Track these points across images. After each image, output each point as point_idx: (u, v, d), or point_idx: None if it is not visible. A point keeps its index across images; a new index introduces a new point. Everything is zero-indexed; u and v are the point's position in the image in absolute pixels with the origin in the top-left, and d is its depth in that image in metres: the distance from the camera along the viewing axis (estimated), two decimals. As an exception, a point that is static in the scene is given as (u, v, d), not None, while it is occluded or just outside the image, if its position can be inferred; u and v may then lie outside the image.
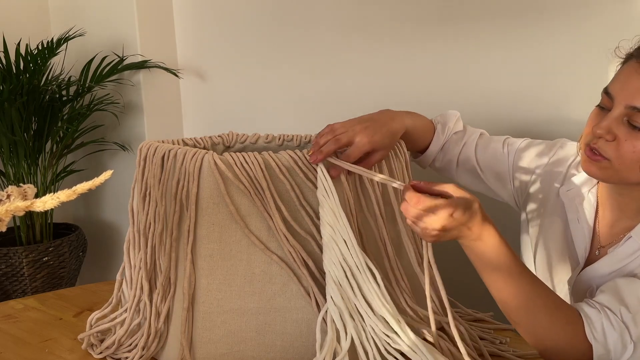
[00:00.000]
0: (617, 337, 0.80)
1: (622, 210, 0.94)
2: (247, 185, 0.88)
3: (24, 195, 0.58)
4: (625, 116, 0.84)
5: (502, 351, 0.97)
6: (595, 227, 0.98)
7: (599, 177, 0.91)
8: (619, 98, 0.85)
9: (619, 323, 0.80)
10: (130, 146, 2.30)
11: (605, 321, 0.81)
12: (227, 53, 2.13)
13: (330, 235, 0.85)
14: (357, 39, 1.78)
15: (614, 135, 0.85)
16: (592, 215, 0.98)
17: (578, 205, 0.99)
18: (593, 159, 0.88)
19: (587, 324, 0.81)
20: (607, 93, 0.87)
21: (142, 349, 0.93)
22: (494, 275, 0.83)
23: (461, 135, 1.16)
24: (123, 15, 2.20)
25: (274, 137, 1.14)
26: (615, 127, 0.85)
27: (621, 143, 0.85)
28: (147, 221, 0.94)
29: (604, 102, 0.88)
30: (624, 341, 0.80)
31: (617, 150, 0.85)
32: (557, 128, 1.44)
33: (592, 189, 0.99)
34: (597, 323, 0.81)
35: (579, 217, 0.99)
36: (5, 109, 1.98)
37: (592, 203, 0.98)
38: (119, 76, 2.22)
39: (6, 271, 2.10)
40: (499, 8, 1.49)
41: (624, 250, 0.90)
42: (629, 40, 0.90)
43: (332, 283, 0.86)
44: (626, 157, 0.85)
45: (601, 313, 0.82)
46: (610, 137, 0.85)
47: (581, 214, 0.99)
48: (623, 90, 0.85)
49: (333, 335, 0.84)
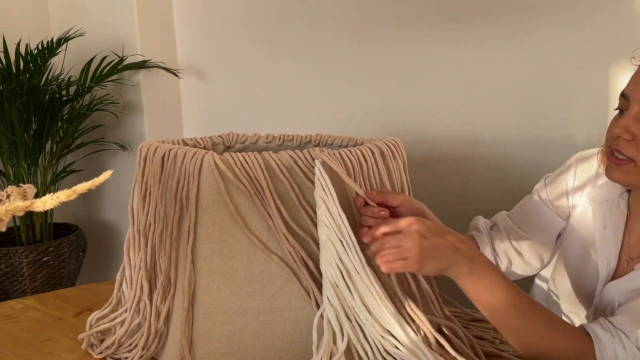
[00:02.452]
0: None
1: None
2: (247, 185, 0.88)
3: (23, 195, 0.58)
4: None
5: (501, 351, 0.96)
6: (624, 237, 0.94)
7: (623, 183, 0.88)
8: (634, 96, 0.84)
9: (634, 350, 0.76)
10: (130, 146, 2.30)
11: (619, 347, 0.77)
12: (227, 53, 2.14)
13: (327, 235, 0.85)
14: (358, 39, 1.78)
15: (633, 135, 0.84)
16: (621, 224, 0.94)
17: (606, 211, 0.95)
18: (616, 164, 0.86)
19: (597, 348, 0.78)
20: (623, 95, 0.87)
21: (142, 349, 0.94)
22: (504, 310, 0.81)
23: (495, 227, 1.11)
24: (123, 15, 2.19)
25: (274, 137, 1.14)
26: (633, 125, 0.84)
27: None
28: (147, 221, 0.95)
29: (621, 105, 0.88)
30: None
31: (637, 149, 0.83)
32: (556, 130, 1.44)
33: (623, 194, 0.95)
34: (609, 348, 0.77)
35: (605, 224, 0.95)
36: (5, 109, 1.98)
37: (622, 210, 0.94)
38: (119, 76, 2.22)
39: (6, 271, 2.10)
40: (501, 10, 1.49)
41: None
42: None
43: (329, 284, 0.86)
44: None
45: (615, 338, 0.78)
46: (629, 136, 0.84)
47: (608, 221, 0.95)
48: (638, 89, 0.84)
49: (329, 336, 0.84)
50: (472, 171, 1.60)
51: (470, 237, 1.10)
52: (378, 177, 0.94)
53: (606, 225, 0.95)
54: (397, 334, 0.84)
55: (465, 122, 1.60)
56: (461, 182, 1.63)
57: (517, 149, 1.52)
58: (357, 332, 0.85)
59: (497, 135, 1.54)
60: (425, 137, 1.67)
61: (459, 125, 1.61)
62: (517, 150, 1.52)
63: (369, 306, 0.85)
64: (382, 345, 0.85)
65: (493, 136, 1.55)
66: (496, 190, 1.57)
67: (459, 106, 1.60)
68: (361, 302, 0.85)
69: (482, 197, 1.59)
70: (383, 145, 0.97)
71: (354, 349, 0.85)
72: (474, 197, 1.61)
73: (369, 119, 1.79)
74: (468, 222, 1.16)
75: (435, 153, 1.66)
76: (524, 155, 1.51)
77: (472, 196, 1.61)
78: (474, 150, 1.59)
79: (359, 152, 0.92)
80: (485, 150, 1.57)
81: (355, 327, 0.85)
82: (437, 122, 1.65)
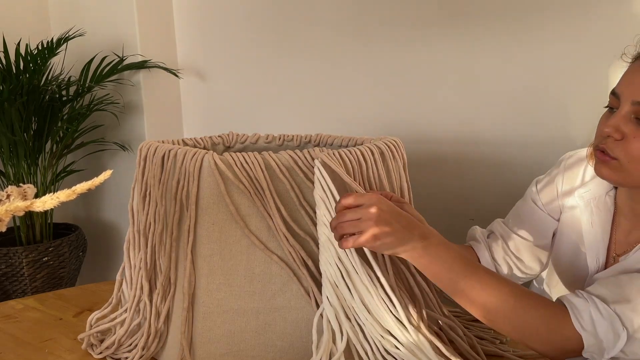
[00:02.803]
0: (606, 326, 0.78)
1: (638, 217, 0.91)
2: (247, 185, 0.88)
3: (23, 195, 0.58)
4: (632, 113, 0.83)
5: (502, 351, 0.96)
6: (612, 234, 0.95)
7: (611, 180, 0.88)
8: (625, 95, 0.84)
9: (608, 311, 0.78)
10: (130, 146, 2.30)
11: (593, 310, 0.79)
12: (227, 53, 2.14)
13: (327, 235, 0.85)
14: (358, 40, 1.78)
15: (622, 134, 0.84)
16: (608, 220, 0.95)
17: (594, 208, 0.96)
18: (603, 161, 0.86)
19: (573, 314, 0.79)
20: (614, 93, 0.87)
21: (142, 349, 0.94)
22: (459, 281, 0.82)
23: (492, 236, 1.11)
24: (123, 15, 2.20)
25: (274, 137, 1.14)
26: (623, 124, 0.84)
27: (630, 141, 0.83)
28: (147, 221, 0.95)
29: (611, 103, 0.88)
30: (615, 330, 0.77)
31: (625, 149, 0.83)
32: (556, 130, 1.44)
33: (610, 192, 0.96)
34: (584, 312, 0.79)
35: (593, 221, 0.96)
36: (5, 109, 1.98)
37: (609, 207, 0.96)
38: (119, 76, 2.22)
39: (6, 271, 2.10)
40: (499, 10, 1.49)
41: (634, 258, 0.88)
42: (633, 46, 0.89)
43: (328, 283, 0.86)
44: (635, 155, 0.83)
45: (588, 302, 0.79)
46: (618, 136, 0.84)
47: (596, 218, 0.96)
48: (629, 88, 0.84)
49: (329, 335, 0.84)
50: (472, 171, 1.60)
51: (469, 248, 1.10)
52: (377, 177, 0.94)
53: (594, 222, 0.96)
54: (396, 334, 0.84)
55: (465, 122, 1.60)
56: (461, 182, 1.63)
57: (517, 149, 1.52)
58: (356, 331, 0.85)
59: (497, 135, 1.54)
60: (425, 137, 1.67)
61: (459, 125, 1.61)
62: (517, 150, 1.52)
63: (368, 306, 0.85)
64: (382, 345, 0.85)
65: (493, 136, 1.55)
66: (496, 190, 1.56)
67: (459, 106, 1.60)
68: (361, 302, 0.85)
69: (482, 197, 1.59)
70: (383, 145, 0.97)
71: (354, 349, 0.85)
72: (474, 197, 1.61)
73: (369, 119, 1.79)
74: (468, 222, 1.15)
75: (435, 153, 1.66)
76: (524, 155, 1.51)
77: (472, 196, 1.61)
78: (474, 150, 1.59)
79: (358, 152, 0.92)
80: (485, 150, 1.57)
81: (355, 327, 0.85)
82: (437, 122, 1.65)
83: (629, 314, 0.78)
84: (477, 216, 1.19)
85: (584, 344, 0.79)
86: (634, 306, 0.78)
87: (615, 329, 0.78)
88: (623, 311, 0.78)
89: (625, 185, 0.90)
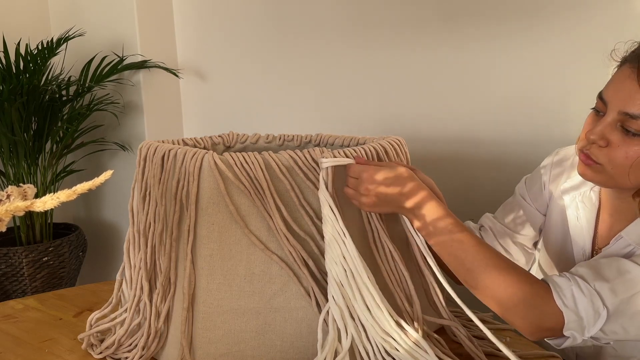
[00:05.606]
0: (587, 302, 0.79)
1: (620, 213, 0.93)
2: (247, 185, 0.88)
3: (23, 195, 0.58)
4: (618, 122, 0.84)
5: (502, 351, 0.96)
6: (596, 228, 0.98)
7: (594, 181, 0.90)
8: (613, 104, 0.85)
9: (589, 289, 0.80)
10: (130, 146, 2.30)
11: (575, 288, 0.80)
12: (227, 53, 2.14)
13: (332, 234, 0.86)
14: (357, 40, 1.78)
15: (607, 141, 0.85)
16: (593, 215, 0.98)
17: (579, 203, 0.99)
18: (586, 164, 0.88)
19: (555, 292, 0.81)
20: (602, 98, 0.87)
21: (142, 349, 0.93)
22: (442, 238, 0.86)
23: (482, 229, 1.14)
24: (123, 15, 2.20)
25: (274, 137, 1.14)
26: (608, 132, 0.85)
27: (614, 148, 0.84)
28: (147, 221, 0.94)
29: (598, 106, 0.88)
30: (595, 307, 0.79)
31: (608, 155, 0.85)
32: (555, 130, 1.44)
33: (594, 187, 0.98)
34: (566, 290, 0.81)
35: (578, 215, 0.98)
36: (5, 109, 1.98)
37: (594, 202, 0.98)
38: (119, 76, 2.22)
39: (6, 271, 2.10)
40: (500, 10, 1.49)
41: (613, 249, 0.90)
42: (624, 43, 0.89)
43: (334, 282, 0.86)
44: (618, 163, 0.84)
45: (571, 281, 0.82)
46: (603, 143, 0.85)
47: (581, 213, 0.98)
48: (616, 96, 0.84)
49: (334, 334, 0.84)
50: (472, 171, 1.60)
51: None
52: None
53: (579, 216, 0.99)
54: (396, 334, 0.84)
55: (465, 122, 1.60)
56: (461, 182, 1.63)
57: (517, 149, 1.52)
58: (360, 332, 0.85)
59: (497, 135, 1.54)
60: (425, 137, 1.67)
61: (459, 125, 1.61)
62: (517, 150, 1.52)
63: (369, 306, 0.85)
64: (383, 347, 0.85)
65: (493, 136, 1.55)
66: (496, 190, 1.56)
67: (459, 106, 1.60)
68: (363, 303, 0.85)
69: (482, 197, 1.59)
70: (387, 144, 0.98)
71: (356, 349, 0.86)
72: (474, 197, 1.61)
73: (369, 119, 1.79)
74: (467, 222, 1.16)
75: (436, 153, 1.66)
76: (524, 155, 1.51)
77: (472, 196, 1.61)
78: (474, 150, 1.59)
79: (362, 151, 0.92)
80: (485, 150, 1.57)
81: (358, 327, 0.86)
82: (437, 122, 1.65)
83: (608, 292, 0.80)
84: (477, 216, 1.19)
85: (563, 322, 0.80)
86: (612, 286, 0.80)
87: (595, 306, 0.79)
88: (602, 289, 0.80)
89: (607, 186, 0.91)
